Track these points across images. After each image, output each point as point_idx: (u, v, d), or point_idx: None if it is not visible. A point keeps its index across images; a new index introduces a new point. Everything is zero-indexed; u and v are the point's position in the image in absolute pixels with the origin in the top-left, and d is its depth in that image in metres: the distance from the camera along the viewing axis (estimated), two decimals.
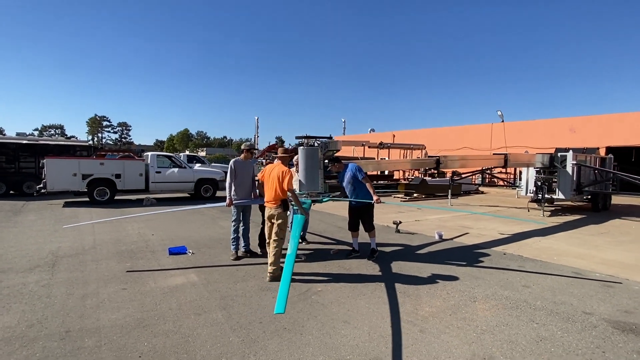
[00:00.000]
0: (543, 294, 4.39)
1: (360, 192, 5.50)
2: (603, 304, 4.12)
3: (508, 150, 22.79)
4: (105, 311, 3.73)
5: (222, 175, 14.71)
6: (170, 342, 3.12)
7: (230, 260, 5.64)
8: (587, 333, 3.38)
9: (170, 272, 5.04)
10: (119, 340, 3.14)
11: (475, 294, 4.36)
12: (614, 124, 20.23)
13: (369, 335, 3.28)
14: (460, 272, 5.23)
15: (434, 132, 28.87)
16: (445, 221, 9.77)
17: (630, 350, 3.08)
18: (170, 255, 5.91)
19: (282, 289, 2.92)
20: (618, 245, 7.28)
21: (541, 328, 3.47)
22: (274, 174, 4.69)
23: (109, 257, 5.74)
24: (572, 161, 11.65)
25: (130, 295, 4.18)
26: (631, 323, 3.62)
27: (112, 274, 4.91)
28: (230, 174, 5.73)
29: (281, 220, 4.66)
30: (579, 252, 6.63)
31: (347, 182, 5.54)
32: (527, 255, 6.32)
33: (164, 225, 8.51)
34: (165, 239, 7.05)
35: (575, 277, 5.09)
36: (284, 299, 2.77)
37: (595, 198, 12.75)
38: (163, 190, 13.19)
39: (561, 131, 22.14)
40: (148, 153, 13.48)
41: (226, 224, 8.83)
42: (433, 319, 3.63)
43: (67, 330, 3.29)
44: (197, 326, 3.42)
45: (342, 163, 5.67)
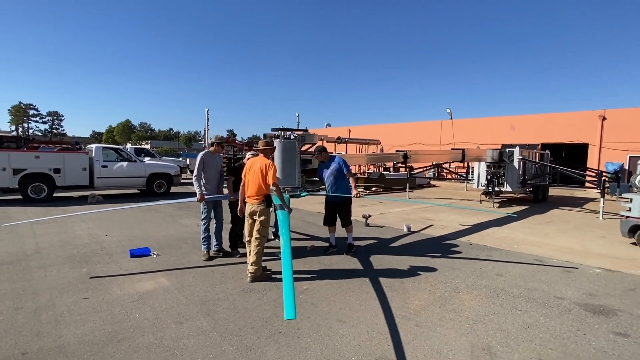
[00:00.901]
0: (516, 282, 4.63)
1: (341, 185, 5.39)
2: (569, 288, 4.44)
3: (456, 146, 24.19)
4: (67, 326, 3.25)
5: (177, 169, 13.86)
6: (154, 356, 2.78)
7: (202, 260, 5.26)
8: (565, 317, 3.60)
9: (136, 277, 4.57)
10: (91, 358, 2.74)
11: (457, 284, 4.48)
12: (548, 123, 22.26)
13: (367, 333, 3.20)
14: (437, 263, 5.36)
15: (388, 128, 29.72)
16: (408, 214, 10.05)
17: (606, 330, 3.33)
18: (132, 257, 5.37)
19: (287, 293, 2.72)
20: (563, 232, 7.98)
21: (525, 315, 3.64)
22: (256, 168, 4.41)
23: (59, 263, 5.07)
24: (519, 156, 12.59)
25: (94, 305, 3.70)
26: (598, 305, 3.93)
27: (66, 282, 4.32)
28: (199, 167, 5.35)
29: (264, 217, 4.41)
30: (533, 240, 7.15)
31: (330, 173, 5.40)
32: (490, 244, 6.67)
33: (117, 224, 7.76)
34: (123, 240, 6.41)
35: (538, 265, 5.46)
36: (292, 302, 2.58)
37: (536, 190, 13.92)
38: (110, 186, 12.05)
39: (503, 128, 23.89)
40: (92, 145, 12.22)
41: (188, 221, 8.30)
42: (425, 312, 3.65)
43: (23, 353, 2.80)
44: (181, 336, 3.09)
45: (328, 154, 5.52)
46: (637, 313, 3.73)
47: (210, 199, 5.34)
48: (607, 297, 4.18)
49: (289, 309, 2.52)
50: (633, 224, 6.69)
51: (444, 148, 25.03)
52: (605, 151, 20.24)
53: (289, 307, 2.53)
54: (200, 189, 5.30)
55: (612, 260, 5.80)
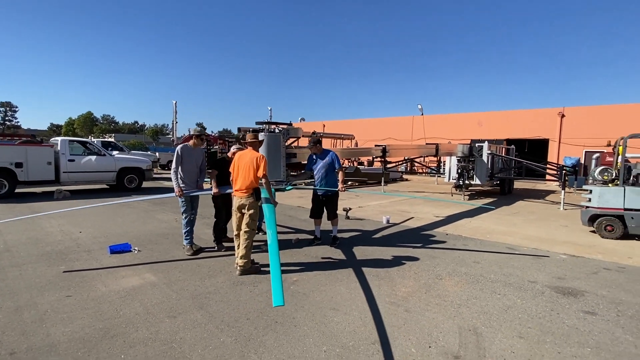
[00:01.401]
0: (492, 268, 4.93)
1: (330, 180, 5.48)
2: (540, 273, 4.78)
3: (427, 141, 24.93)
4: (54, 324, 3.13)
5: (149, 163, 13.41)
6: (152, 350, 2.76)
7: (186, 255, 5.18)
8: (539, 299, 3.90)
9: (119, 273, 4.44)
10: (86, 356, 2.68)
11: (439, 272, 4.70)
12: (513, 119, 23.40)
13: (361, 319, 3.32)
14: (418, 253, 5.59)
15: (361, 123, 30.08)
16: (385, 207, 10.32)
17: (576, 310, 3.64)
18: (112, 254, 5.20)
19: (275, 281, 2.77)
20: (530, 222, 8.50)
21: (503, 298, 3.90)
22: (246, 161, 4.39)
23: (33, 261, 4.83)
24: (487, 151, 13.20)
25: (79, 302, 3.58)
26: (567, 287, 4.27)
27: (45, 280, 4.14)
28: (177, 161, 5.21)
29: (252, 210, 4.41)
30: (503, 230, 7.58)
31: (322, 166, 5.46)
32: (465, 234, 7.02)
33: (90, 221, 7.45)
34: (99, 237, 6.18)
35: (510, 252, 5.81)
36: (280, 290, 2.64)
37: (502, 183, 14.67)
38: (78, 181, 11.48)
39: (471, 124, 24.86)
40: (58, 138, 11.56)
41: (165, 217, 8.11)
42: (412, 298, 3.82)
43: (11, 352, 2.69)
44: (177, 330, 3.08)
45: (322, 146, 5.56)
46: (601, 294, 4.09)
47: (190, 193, 5.23)
48: (574, 280, 4.54)
49: (277, 296, 2.58)
50: (592, 214, 7.24)
51: (415, 143, 25.76)
52: (564, 146, 21.60)
53: (277, 294, 2.60)
54: (177, 183, 5.19)
55: (575, 246, 6.27)
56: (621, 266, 5.21)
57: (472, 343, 2.96)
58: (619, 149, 7.33)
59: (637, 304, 3.82)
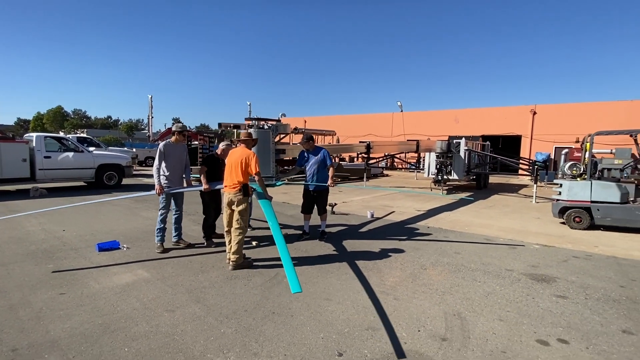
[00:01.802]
0: (472, 258, 5.23)
1: (321, 176, 5.63)
2: (516, 262, 5.12)
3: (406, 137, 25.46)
4: (51, 321, 3.15)
5: (128, 160, 13.14)
6: (155, 343, 2.84)
7: (156, 253, 5.11)
8: (516, 285, 4.20)
9: (111, 270, 4.45)
10: (89, 350, 2.73)
11: (423, 262, 4.96)
12: (487, 116, 24.21)
13: (354, 308, 3.51)
14: (403, 245, 5.84)
15: (342, 119, 30.31)
16: (368, 202, 10.58)
17: (549, 294, 3.96)
18: (101, 251, 5.17)
19: (289, 269, 2.91)
20: (505, 215, 8.96)
21: (484, 285, 4.18)
22: (235, 158, 4.47)
23: (19, 260, 4.75)
24: (464, 147, 13.69)
25: (73, 300, 3.60)
26: (540, 274, 4.61)
27: (35, 279, 4.11)
28: (160, 158, 5.18)
29: (242, 206, 4.49)
30: (480, 222, 7.97)
31: (314, 163, 5.59)
32: (445, 227, 7.34)
33: (72, 219, 7.31)
34: (84, 235, 6.10)
35: (488, 243, 6.16)
36: (295, 277, 2.78)
37: (478, 178, 15.24)
38: (55, 178, 11.12)
39: (448, 121, 25.54)
40: (33, 134, 11.14)
41: (150, 214, 8.04)
42: (400, 288, 4.04)
43: (13, 349, 2.71)
44: (177, 323, 3.16)
45: (314, 143, 5.68)
46: (571, 279, 4.45)
47: (171, 190, 5.22)
48: (546, 267, 4.90)
49: (294, 284, 2.72)
50: (562, 206, 7.72)
51: (395, 139, 26.21)
52: (536, 142, 22.57)
53: (293, 282, 2.74)
54: (158, 180, 5.17)
55: (547, 237, 6.70)
56: (588, 254, 5.63)
57: (457, 326, 3.19)
58: (586, 145, 7.83)
59: (603, 288, 4.19)
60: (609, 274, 4.71)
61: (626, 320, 3.40)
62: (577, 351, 2.85)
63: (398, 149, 14.74)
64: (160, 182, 5.17)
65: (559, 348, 2.89)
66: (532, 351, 2.83)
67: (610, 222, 7.27)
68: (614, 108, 20.24)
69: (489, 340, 2.98)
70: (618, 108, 20.11)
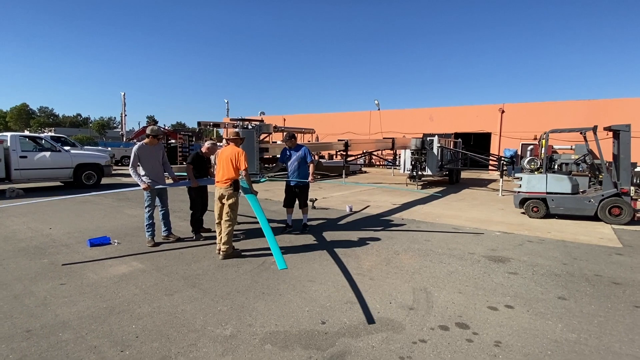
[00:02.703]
0: (440, 244, 5.81)
1: (302, 172, 6.05)
2: (478, 247, 5.73)
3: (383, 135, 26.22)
4: (58, 307, 3.44)
5: (107, 159, 13.10)
6: (159, 320, 3.20)
7: (147, 247, 5.38)
8: (476, 265, 4.79)
9: (106, 263, 4.72)
10: (100, 328, 3.06)
11: (396, 249, 5.48)
12: (460, 115, 25.30)
13: (334, 287, 3.97)
14: (379, 234, 6.35)
15: (321, 117, 30.76)
16: (347, 197, 11.09)
17: (503, 271, 4.56)
18: (92, 246, 5.40)
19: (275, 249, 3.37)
20: (472, 207, 9.68)
21: (448, 266, 4.74)
22: (226, 155, 4.83)
23: (12, 256, 4.92)
24: (437, 144, 14.43)
25: (75, 289, 3.87)
26: (497, 256, 5.23)
27: (32, 272, 4.33)
28: (134, 161, 5.33)
29: (232, 200, 4.86)
30: (450, 214, 8.62)
31: (295, 159, 6.00)
32: (418, 219, 7.93)
33: (56, 217, 7.41)
34: (72, 232, 6.27)
35: (455, 232, 6.77)
36: (280, 256, 3.22)
37: (451, 173, 16.09)
38: (31, 178, 11.00)
39: (423, 119, 26.49)
40: (7, 134, 10.97)
41: (134, 212, 8.22)
42: (375, 270, 4.54)
43: (27, 330, 3.00)
44: (177, 304, 3.52)
45: (296, 141, 6.08)
46: (523, 259, 5.08)
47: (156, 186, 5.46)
48: (503, 250, 5.53)
49: (280, 261, 3.16)
50: (522, 197, 8.47)
51: (373, 137, 26.96)
52: (504, 139, 23.82)
53: (279, 260, 3.17)
54: (140, 179, 5.37)
55: (508, 225, 7.40)
56: (541, 239, 6.33)
57: (423, 299, 3.71)
58: (542, 142, 8.62)
59: (548, 265, 4.83)
60: (555, 254, 5.39)
61: (563, 289, 4.02)
62: (520, 314, 3.42)
63: (375, 147, 15.34)
64: (143, 180, 5.40)
65: (505, 312, 3.45)
66: (484, 315, 3.37)
67: (563, 211, 8.08)
68: (575, 107, 21.68)
69: (449, 308, 3.51)
70: (579, 107, 21.56)
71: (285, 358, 2.65)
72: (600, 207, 7.75)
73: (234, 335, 2.96)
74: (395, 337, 2.95)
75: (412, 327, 3.12)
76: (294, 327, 3.10)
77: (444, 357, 2.69)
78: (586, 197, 7.95)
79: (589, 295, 3.90)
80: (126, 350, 2.73)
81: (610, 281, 4.32)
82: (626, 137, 7.71)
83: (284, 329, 3.06)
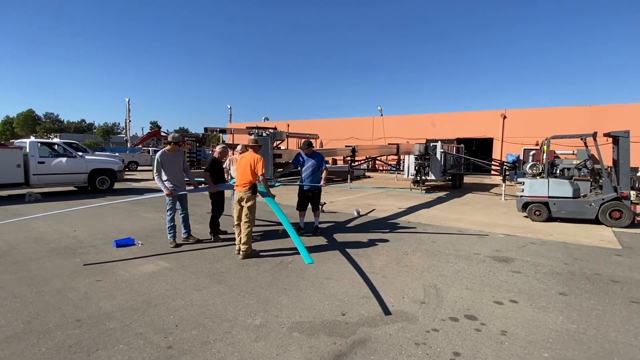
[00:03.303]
0: (446, 246, 6.10)
1: (315, 178, 6.40)
2: (483, 248, 6.02)
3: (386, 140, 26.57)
4: (99, 300, 3.76)
5: (120, 164, 13.47)
6: (193, 312, 3.51)
7: (170, 248, 5.69)
8: (482, 265, 5.08)
9: (134, 262, 5.04)
10: (141, 318, 3.37)
11: (405, 249, 5.78)
12: (462, 120, 25.62)
13: (350, 284, 4.27)
14: (387, 236, 6.65)
15: (325, 123, 31.14)
16: (353, 201, 11.40)
17: (507, 270, 4.85)
18: (118, 247, 5.73)
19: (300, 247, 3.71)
20: (477, 211, 9.96)
21: (455, 265, 5.03)
22: (245, 160, 5.17)
23: (46, 256, 5.25)
24: (440, 150, 14.75)
25: (111, 285, 4.19)
26: (502, 256, 5.52)
27: (68, 270, 4.66)
28: (158, 167, 5.66)
29: (250, 202, 5.18)
30: (455, 217, 8.91)
31: (310, 166, 6.35)
32: (424, 222, 8.23)
33: (78, 221, 7.75)
34: (96, 234, 6.61)
35: (460, 234, 7.06)
36: (306, 252, 3.55)
37: (454, 178, 16.39)
38: (48, 183, 11.39)
39: (425, 125, 26.82)
40: (26, 140, 11.38)
41: (151, 215, 8.56)
42: (387, 269, 4.84)
43: (77, 319, 3.32)
44: (207, 298, 3.83)
45: (312, 149, 6.45)
46: (526, 260, 5.37)
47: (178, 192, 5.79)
48: (507, 251, 5.82)
49: (306, 257, 3.48)
50: (525, 201, 8.76)
51: (376, 142, 27.31)
52: (506, 144, 24.09)
53: (305, 256, 3.50)
54: (163, 185, 5.69)
55: (511, 228, 7.69)
56: (544, 241, 6.61)
57: (433, 294, 4.01)
58: (544, 147, 8.92)
59: (550, 265, 5.12)
60: (557, 255, 5.67)
61: (563, 286, 4.31)
62: (524, 307, 3.71)
63: (379, 152, 15.64)
64: (167, 186, 5.73)
65: (510, 306, 3.74)
66: (490, 308, 3.67)
67: (564, 214, 8.35)
68: (576, 112, 21.96)
69: (457, 302, 3.80)
70: (580, 113, 21.84)
71: (313, 344, 2.96)
72: (601, 210, 8.03)
73: (264, 324, 3.27)
74: (410, 327, 3.25)
75: (425, 319, 3.42)
76: (317, 318, 3.41)
77: (455, 344, 2.99)
78: (587, 201, 8.23)
79: (588, 291, 4.19)
80: (169, 337, 3.04)
81: (609, 279, 4.60)
82: (625, 143, 8.01)
83: (308, 320, 3.36)
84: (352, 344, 2.96)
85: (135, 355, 2.77)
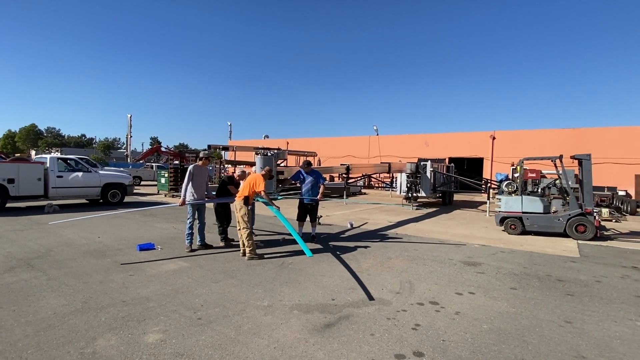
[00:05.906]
0: (426, 253, 7.01)
1: (314, 192, 7.38)
2: (457, 254, 6.94)
3: (382, 159, 27.68)
4: (136, 288, 4.64)
5: (130, 179, 14.40)
6: (214, 297, 4.39)
7: (186, 252, 6.56)
8: (453, 267, 5.99)
9: (157, 262, 5.92)
10: (173, 301, 4.25)
11: (389, 255, 6.69)
12: (453, 140, 26.84)
13: (340, 279, 5.17)
14: (375, 245, 7.57)
15: (322, 141, 32.33)
16: (348, 215, 12.32)
17: (473, 271, 5.77)
18: (141, 251, 6.60)
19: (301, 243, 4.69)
20: (460, 225, 10.90)
21: (430, 267, 5.94)
22: (249, 179, 6.31)
23: (81, 257, 6.13)
24: (430, 168, 15.79)
25: (143, 278, 5.07)
26: (472, 261, 6.44)
27: (104, 267, 5.53)
28: (189, 178, 6.65)
29: (242, 211, 6.18)
30: (439, 230, 9.84)
31: (309, 182, 7.35)
32: (410, 233, 9.15)
33: (99, 229, 8.62)
34: (119, 240, 7.48)
35: (440, 243, 7.99)
36: (306, 247, 4.53)
37: (444, 196, 17.37)
38: (65, 196, 12.28)
39: (419, 144, 28.02)
40: (46, 156, 12.34)
41: (163, 225, 9.45)
42: (372, 269, 5.74)
43: (122, 301, 4.20)
44: (223, 288, 4.72)
45: (311, 167, 7.47)
46: (492, 264, 6.29)
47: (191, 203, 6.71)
48: (478, 257, 6.74)
49: (307, 251, 4.43)
50: (502, 216, 9.72)
51: (372, 161, 28.41)
52: (496, 164, 25.23)
53: (306, 250, 4.44)
54: (184, 195, 6.62)
55: (487, 239, 8.62)
56: (513, 250, 7.54)
57: (407, 288, 4.91)
58: (518, 168, 9.94)
59: (511, 268, 6.04)
60: (520, 261, 6.59)
61: (516, 283, 5.23)
62: (478, 297, 4.62)
63: (374, 170, 16.71)
64: (184, 197, 6.65)
65: (467, 296, 4.65)
66: (451, 297, 4.57)
67: (536, 228, 9.31)
68: (560, 135, 23.21)
69: (425, 293, 4.71)
70: (564, 135, 23.09)
71: (309, 318, 3.85)
72: (568, 224, 8.98)
73: (270, 305, 4.17)
74: (384, 308, 4.15)
75: (397, 303, 4.32)
76: (312, 301, 4.30)
77: (417, 319, 3.89)
78: (556, 216, 9.20)
79: (535, 287, 5.10)
80: (197, 312, 3.93)
81: (557, 279, 5.52)
82: (587, 164, 9.04)
83: (305, 303, 4.26)
84: (338, 318, 3.86)
85: (174, 323, 3.66)
